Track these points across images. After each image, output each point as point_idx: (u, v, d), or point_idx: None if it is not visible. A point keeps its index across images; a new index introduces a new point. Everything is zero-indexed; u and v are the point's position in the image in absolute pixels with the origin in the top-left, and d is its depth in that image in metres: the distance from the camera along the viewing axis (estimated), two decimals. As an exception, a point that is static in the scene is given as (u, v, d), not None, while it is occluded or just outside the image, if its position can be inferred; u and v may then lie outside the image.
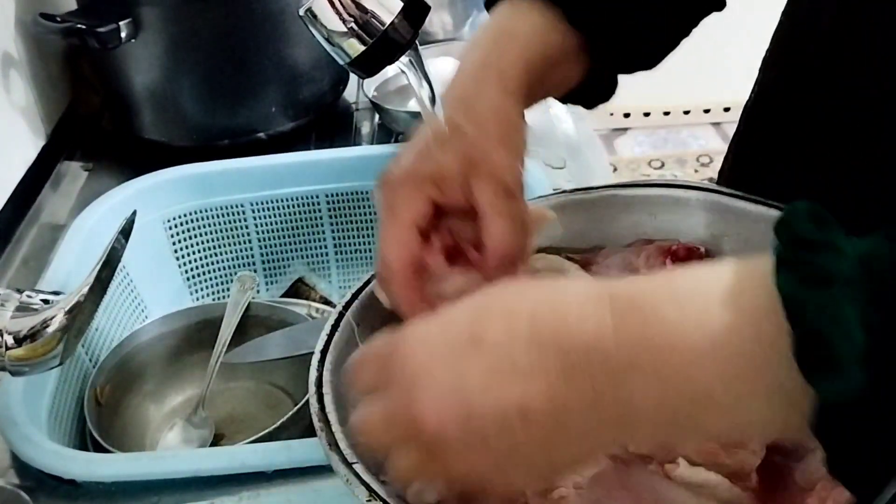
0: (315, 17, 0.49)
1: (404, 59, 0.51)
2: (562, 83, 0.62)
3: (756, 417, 0.38)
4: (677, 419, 0.39)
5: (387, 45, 0.49)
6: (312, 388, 0.55)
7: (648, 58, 0.64)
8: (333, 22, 0.49)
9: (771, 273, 0.36)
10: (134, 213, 0.67)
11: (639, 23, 0.61)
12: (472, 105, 0.56)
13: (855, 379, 0.33)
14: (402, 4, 0.49)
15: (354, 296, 0.61)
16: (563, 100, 0.65)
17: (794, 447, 0.49)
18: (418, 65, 0.52)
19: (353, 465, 0.49)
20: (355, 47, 0.49)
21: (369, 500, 0.47)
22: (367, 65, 0.51)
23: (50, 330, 0.60)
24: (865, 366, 0.33)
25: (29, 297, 0.62)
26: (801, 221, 0.37)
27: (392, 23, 0.49)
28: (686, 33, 0.64)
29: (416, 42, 0.51)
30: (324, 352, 0.57)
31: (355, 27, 0.49)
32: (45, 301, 0.61)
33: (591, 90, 0.63)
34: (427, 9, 0.50)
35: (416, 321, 0.45)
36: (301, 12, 0.49)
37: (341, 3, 0.48)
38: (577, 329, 0.39)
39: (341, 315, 0.60)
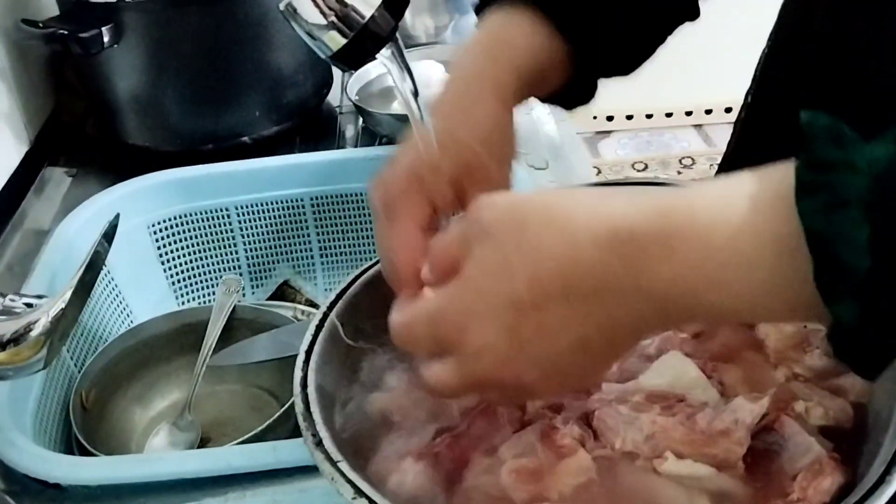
0: (295, 10, 0.49)
1: (386, 52, 0.51)
2: (546, 87, 0.64)
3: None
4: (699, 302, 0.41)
5: (368, 37, 0.49)
6: (297, 388, 0.55)
7: (628, 64, 0.67)
8: (313, 15, 0.49)
9: (792, 197, 0.37)
10: (117, 216, 0.66)
11: (622, 32, 0.64)
12: (470, 114, 0.58)
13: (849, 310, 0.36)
14: (382, -5, 0.49)
15: (339, 296, 0.61)
16: (545, 100, 0.67)
17: (778, 435, 0.49)
18: (400, 57, 0.52)
19: (338, 464, 0.49)
20: (336, 40, 0.49)
21: (354, 499, 0.47)
22: (349, 58, 0.50)
23: (33, 334, 0.59)
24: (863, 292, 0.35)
25: (12, 300, 0.61)
26: (820, 141, 0.37)
27: (372, 15, 0.49)
28: (662, 41, 0.67)
29: (398, 35, 0.51)
30: (308, 352, 0.57)
31: (336, 20, 0.49)
32: (29, 305, 0.61)
33: (573, 93, 0.66)
34: (406, 0, 0.50)
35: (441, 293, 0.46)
36: (281, 7, 0.49)
37: (321, -4, 0.48)
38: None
39: (325, 315, 0.60)
